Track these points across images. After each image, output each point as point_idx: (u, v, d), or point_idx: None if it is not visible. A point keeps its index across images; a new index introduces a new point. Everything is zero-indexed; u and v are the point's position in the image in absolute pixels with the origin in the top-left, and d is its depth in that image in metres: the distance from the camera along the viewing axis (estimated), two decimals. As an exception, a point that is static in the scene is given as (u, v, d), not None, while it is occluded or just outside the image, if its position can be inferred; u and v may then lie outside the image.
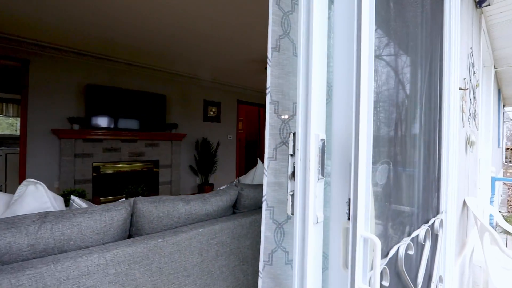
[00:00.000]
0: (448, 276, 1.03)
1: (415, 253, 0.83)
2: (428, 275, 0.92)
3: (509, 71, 3.74)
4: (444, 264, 1.01)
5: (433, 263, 0.92)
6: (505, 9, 2.10)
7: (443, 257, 1.00)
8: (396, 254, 0.65)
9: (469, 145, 1.46)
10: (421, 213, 0.95)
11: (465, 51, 1.43)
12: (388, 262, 0.61)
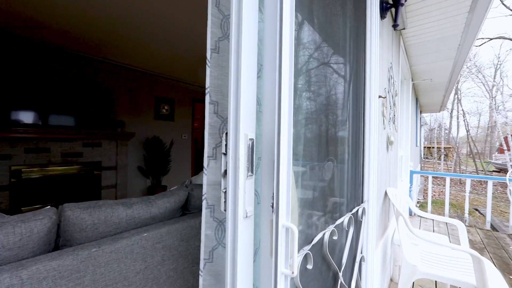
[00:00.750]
0: (370, 256, 1.21)
1: (341, 238, 0.96)
2: (353, 256, 1.08)
3: (423, 83, 4.58)
4: (367, 246, 1.19)
5: (357, 246, 1.08)
6: (417, 33, 2.56)
7: (365, 240, 1.18)
8: (322, 240, 0.74)
9: (389, 144, 1.75)
10: (349, 203, 1.10)
11: (386, 65, 1.71)
12: (314, 247, 0.70)
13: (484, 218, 5.14)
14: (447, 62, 3.38)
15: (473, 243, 2.87)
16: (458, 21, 2.28)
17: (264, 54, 0.60)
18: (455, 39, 2.67)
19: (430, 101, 6.48)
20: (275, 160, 0.50)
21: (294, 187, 0.57)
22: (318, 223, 0.78)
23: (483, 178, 3.49)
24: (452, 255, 1.63)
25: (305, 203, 0.73)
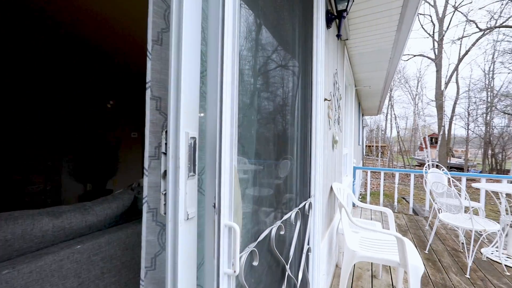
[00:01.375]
0: (316, 247, 1.31)
1: (289, 232, 1.01)
2: (301, 248, 1.15)
3: (364, 89, 5.20)
4: (314, 237, 1.29)
5: (305, 238, 1.16)
6: (358, 45, 2.89)
7: (312, 232, 1.28)
8: (269, 236, 0.77)
9: (334, 143, 1.93)
10: (297, 199, 1.17)
11: (332, 71, 1.87)
12: (261, 244, 0.71)
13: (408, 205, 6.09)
14: (382, 72, 3.90)
15: (400, 226, 3.39)
16: (388, 38, 2.65)
17: (208, 50, 0.58)
18: (387, 53, 3.10)
19: (369, 105, 7.39)
20: (216, 159, 0.49)
21: (239, 186, 0.57)
22: (266, 219, 0.80)
23: (407, 171, 4.17)
24: (383, 239, 1.89)
25: (253, 201, 0.74)
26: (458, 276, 2.15)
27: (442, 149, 15.14)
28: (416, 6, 2.04)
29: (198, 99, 0.55)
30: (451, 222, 2.37)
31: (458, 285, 2.02)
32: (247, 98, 0.79)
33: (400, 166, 19.92)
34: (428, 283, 2.04)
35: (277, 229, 0.81)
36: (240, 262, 0.57)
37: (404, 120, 25.79)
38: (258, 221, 0.76)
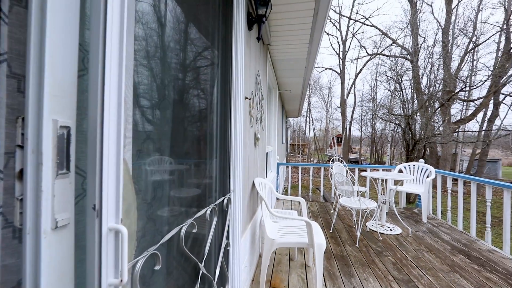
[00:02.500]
0: (236, 240, 1.35)
1: (204, 229, 0.99)
2: (219, 244, 1.15)
3: (286, 93, 5.77)
4: (233, 232, 1.32)
5: (223, 233, 1.16)
6: (280, 51, 3.17)
7: (232, 226, 1.30)
8: (178, 235, 0.72)
9: (256, 140, 2.05)
10: (214, 195, 1.16)
11: (254, 71, 1.97)
12: (166, 245, 0.66)
13: (320, 194, 7.13)
14: (300, 79, 4.43)
15: (313, 213, 3.95)
16: (303, 49, 3.03)
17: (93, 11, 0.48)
18: (302, 62, 3.54)
19: (291, 108, 8.28)
20: (96, 153, 0.41)
21: (131, 183, 0.51)
22: (175, 218, 0.75)
23: (319, 165, 4.92)
24: (298, 225, 2.15)
25: (159, 200, 0.68)
26: (351, 246, 2.69)
27: (345, 147, 18.69)
28: (322, 25, 2.41)
29: (74, 75, 0.45)
30: (346, 204, 2.95)
31: (351, 253, 2.52)
32: (157, 89, 0.71)
33: (316, 161, 23.26)
34: (331, 256, 2.46)
35: (189, 227, 0.78)
36: (135, 268, 0.51)
37: (319, 122, 30.39)
38: (165, 221, 0.70)
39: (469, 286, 1.99)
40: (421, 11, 13.26)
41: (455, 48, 12.46)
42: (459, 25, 12.55)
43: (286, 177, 10.67)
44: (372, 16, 16.86)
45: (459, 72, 12.40)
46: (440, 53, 12.12)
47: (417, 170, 3.91)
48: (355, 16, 17.35)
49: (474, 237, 2.99)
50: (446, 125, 11.11)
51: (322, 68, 20.77)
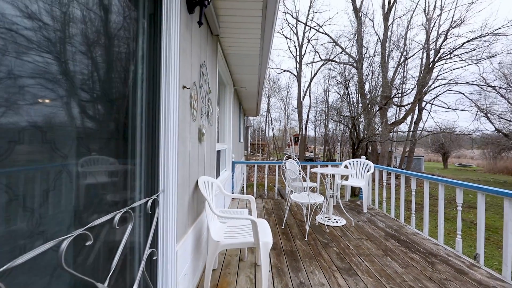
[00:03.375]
0: (169, 248, 1.18)
1: (108, 239, 0.81)
2: (139, 254, 0.97)
3: (243, 91, 5.70)
4: (165, 238, 1.15)
5: (147, 241, 0.99)
6: (232, 45, 3.06)
7: (162, 232, 1.13)
8: (60, 251, 0.54)
9: (201, 136, 1.89)
10: (135, 196, 0.97)
11: (197, 61, 1.81)
12: (29, 268, 0.48)
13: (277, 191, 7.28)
14: (254, 76, 4.40)
15: (267, 210, 3.97)
16: (255, 44, 2.98)
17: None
18: (256, 58, 3.50)
19: (249, 106, 8.28)
20: None
21: None
22: (55, 230, 0.56)
23: (274, 163, 4.98)
24: (246, 224, 2.07)
25: (30, 208, 0.49)
26: (300, 241, 2.75)
27: (301, 146, 19.74)
28: (272, 20, 2.39)
29: None
30: (297, 200, 3.02)
31: (300, 248, 2.58)
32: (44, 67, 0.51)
33: (275, 160, 24.00)
34: (281, 252, 2.46)
35: (80, 239, 0.59)
36: None
37: (278, 122, 31.46)
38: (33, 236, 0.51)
39: (397, 267, 2.22)
40: (365, 24, 14.87)
41: (391, 60, 14.35)
42: (393, 40, 14.49)
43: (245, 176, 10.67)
44: (325, 24, 18.18)
45: (393, 80, 14.31)
46: (379, 63, 13.79)
47: (359, 165, 4.28)
48: (310, 23, 18.45)
49: (403, 222, 3.41)
50: (384, 126, 12.70)
51: (280, 70, 21.52)
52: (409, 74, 15.70)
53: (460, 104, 15.48)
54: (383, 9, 14.54)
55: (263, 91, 7.04)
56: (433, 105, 14.33)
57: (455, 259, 2.39)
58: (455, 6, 12.89)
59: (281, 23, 23.66)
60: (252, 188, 8.77)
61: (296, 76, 20.04)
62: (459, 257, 2.42)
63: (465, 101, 15.17)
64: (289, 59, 30.60)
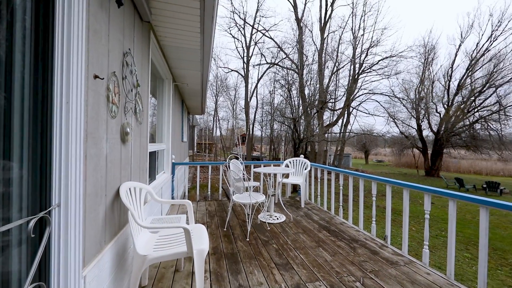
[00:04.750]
0: (72, 276, 0.94)
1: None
2: None
3: (186, 87, 5.35)
4: (64, 265, 0.91)
5: (28, 274, 0.75)
6: (168, 35, 2.79)
7: (59, 258, 0.89)
8: None
9: (125, 135, 1.63)
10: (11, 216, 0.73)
11: (119, 48, 1.55)
12: None
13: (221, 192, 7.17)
14: (197, 72, 4.18)
15: (210, 212, 3.82)
16: (195, 38, 2.80)
17: None
18: (197, 54, 3.32)
19: (193, 105, 7.88)
20: None
21: None
22: None
23: (218, 163, 4.85)
24: (181, 231, 1.90)
25: None
26: (242, 242, 2.74)
27: (249, 145, 20.13)
28: (211, 14, 2.28)
29: None
30: (239, 201, 3.00)
31: (241, 249, 2.56)
32: None
33: (222, 160, 23.74)
34: (221, 256, 2.38)
35: None
36: None
37: (226, 121, 31.23)
38: None
39: (327, 255, 2.45)
40: (305, 34, 16.26)
41: (326, 68, 16.15)
42: (328, 51, 16.34)
43: (190, 177, 10.09)
44: (271, 29, 18.99)
45: (328, 87, 16.15)
46: (317, 70, 15.33)
47: (298, 164, 4.60)
48: (257, 26, 18.97)
49: (333, 214, 3.82)
50: (320, 128, 14.19)
51: (228, 69, 21.40)
52: (340, 82, 18.04)
53: (377, 111, 18.78)
54: (320, 23, 16.22)
55: (208, 89, 6.81)
56: (358, 111, 16.90)
57: (371, 242, 2.80)
58: (373, 29, 15.49)
59: (228, 21, 23.54)
60: (196, 190, 8.41)
61: (243, 77, 20.30)
62: (374, 240, 2.85)
63: (380, 108, 18.47)
64: (237, 59, 30.79)
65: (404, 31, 41.87)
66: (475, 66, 17.94)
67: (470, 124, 18.27)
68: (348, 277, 2.05)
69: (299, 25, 15.96)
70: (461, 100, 18.91)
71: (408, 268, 2.22)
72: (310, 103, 13.59)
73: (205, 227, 3.01)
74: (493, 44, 17.22)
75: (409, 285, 1.95)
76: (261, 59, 19.64)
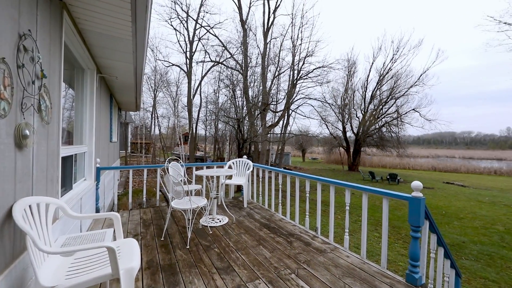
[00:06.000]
0: None
1: None
2: None
3: (115, 81, 4.67)
4: None
5: None
6: (90, 19, 2.37)
7: None
8: None
9: (22, 139, 1.28)
10: None
11: (11, 28, 1.21)
12: None
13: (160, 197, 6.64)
14: (129, 65, 3.71)
15: (146, 221, 3.46)
16: (126, 26, 2.47)
17: None
18: (128, 44, 2.94)
19: (126, 100, 6.97)
20: None
21: None
22: None
23: (155, 166, 4.44)
24: (105, 250, 1.65)
25: None
26: (181, 250, 2.58)
27: (192, 145, 19.23)
28: (145, 3, 2.06)
29: None
30: (178, 207, 2.82)
31: (180, 258, 2.41)
32: None
33: (163, 161, 21.90)
34: (157, 270, 2.19)
35: None
36: None
37: (167, 119, 28.89)
38: None
39: (267, 252, 2.57)
40: (249, 36, 16.66)
41: (269, 72, 16.99)
42: (271, 56, 17.22)
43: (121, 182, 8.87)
44: (215, 27, 18.56)
45: (270, 90, 17.04)
46: (260, 73, 15.95)
47: (241, 164, 4.67)
48: (201, 21, 18.24)
49: (273, 211, 4.06)
50: (263, 128, 14.84)
51: (169, 63, 19.79)
52: (281, 86, 19.33)
53: (312, 114, 21.01)
54: (263, 28, 16.91)
55: (145, 82, 6.15)
56: (296, 113, 18.51)
57: (305, 234, 3.11)
58: (309, 41, 17.19)
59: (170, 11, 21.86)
60: (129, 197, 7.52)
61: (186, 73, 19.21)
62: (307, 232, 3.17)
63: (314, 112, 20.76)
64: (179, 53, 28.86)
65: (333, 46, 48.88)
66: (382, 81, 22.31)
67: (379, 128, 22.64)
68: (285, 271, 2.21)
69: (244, 27, 16.23)
70: (373, 108, 23.19)
71: (333, 254, 2.57)
72: (253, 104, 14.03)
73: (138, 240, 2.71)
74: (394, 65, 21.81)
75: (333, 269, 2.26)
76: (205, 56, 19.04)
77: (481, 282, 4.33)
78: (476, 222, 7.92)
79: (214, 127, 23.22)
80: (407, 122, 21.80)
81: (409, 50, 26.00)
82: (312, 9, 32.07)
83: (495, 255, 5.57)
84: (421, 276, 2.03)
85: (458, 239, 6.56)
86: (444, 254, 2.52)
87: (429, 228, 2.21)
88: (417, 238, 2.04)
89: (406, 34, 52.36)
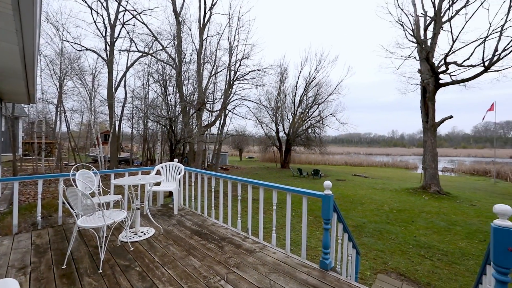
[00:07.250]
0: None
1: None
2: None
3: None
4: None
5: None
6: None
7: None
8: None
9: None
10: None
11: None
12: None
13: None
14: (12, 46, 2.84)
15: (40, 246, 2.73)
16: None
17: None
18: (9, 21, 2.24)
19: (12, 89, 5.35)
20: None
21: None
22: None
23: (54, 176, 3.56)
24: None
25: None
26: (91, 277, 2.17)
27: (113, 145, 16.56)
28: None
29: None
30: (86, 226, 2.36)
31: (89, 286, 2.02)
32: None
33: (73, 165, 18.01)
34: (53, 308, 1.76)
35: None
36: None
37: (79, 114, 23.81)
38: None
39: (197, 262, 2.47)
40: (183, 31, 15.68)
41: (205, 70, 16.49)
42: (207, 54, 16.76)
43: (7, 196, 6.74)
44: (143, 13, 16.47)
45: (207, 89, 16.59)
46: (195, 70, 15.29)
47: (171, 169, 4.34)
48: (125, 4, 15.85)
49: (206, 216, 3.95)
50: (199, 128, 14.30)
51: (81, 47, 16.31)
52: (218, 86, 19.12)
53: (248, 114, 21.74)
54: (199, 23, 16.27)
55: (44, 68, 4.87)
56: (233, 113, 18.70)
57: (236, 236, 3.16)
58: (245, 44, 17.65)
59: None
60: (13, 216, 5.87)
61: (106, 61, 16.37)
62: (239, 234, 3.24)
63: (250, 113, 21.52)
64: (96, 37, 24.10)
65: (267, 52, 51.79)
66: (308, 88, 25.29)
67: (305, 129, 25.59)
68: (214, 278, 2.18)
69: (178, 19, 15.12)
70: (301, 111, 26.02)
71: (262, 253, 2.71)
72: (188, 103, 13.33)
73: (26, 274, 2.12)
74: (317, 74, 25.10)
75: (261, 268, 2.38)
76: (131, 45, 16.72)
77: (374, 254, 5.50)
78: (372, 206, 10.02)
79: (142, 125, 20.78)
80: (327, 124, 25.57)
81: (329, 63, 30.61)
82: (248, 13, 33.11)
83: (383, 230, 7.20)
84: (331, 261, 2.39)
85: (360, 220, 8.12)
86: (348, 238, 3.06)
87: (337, 218, 2.63)
88: (327, 229, 2.39)
89: (326, 49, 61.17)
